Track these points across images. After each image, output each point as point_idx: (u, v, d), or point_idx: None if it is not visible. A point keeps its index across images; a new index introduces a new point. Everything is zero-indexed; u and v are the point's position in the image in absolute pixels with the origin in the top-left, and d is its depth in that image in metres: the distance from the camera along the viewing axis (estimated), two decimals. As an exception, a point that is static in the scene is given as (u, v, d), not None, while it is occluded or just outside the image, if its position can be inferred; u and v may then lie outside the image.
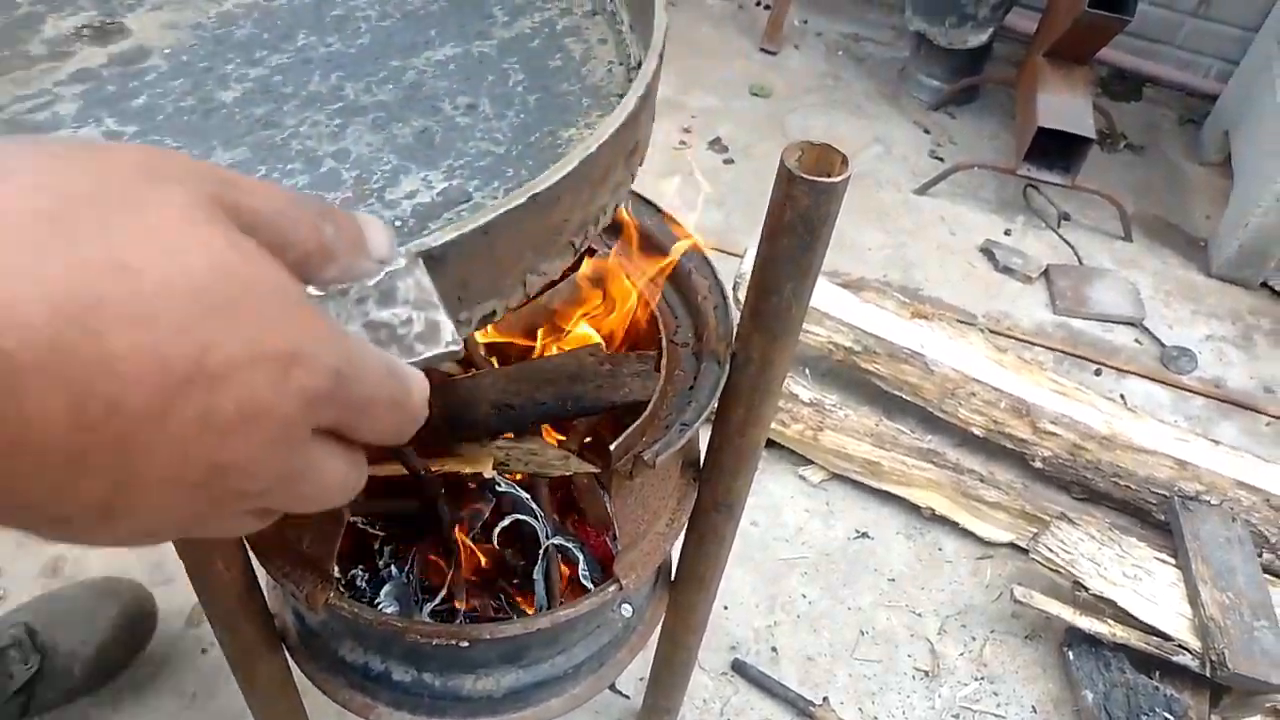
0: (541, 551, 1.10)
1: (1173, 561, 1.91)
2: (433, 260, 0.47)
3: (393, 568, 1.17)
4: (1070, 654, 1.83)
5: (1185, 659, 1.76)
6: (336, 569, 1.00)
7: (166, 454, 0.31)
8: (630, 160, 0.67)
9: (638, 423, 0.98)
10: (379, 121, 0.67)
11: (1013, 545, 2.04)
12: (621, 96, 0.67)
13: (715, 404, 0.99)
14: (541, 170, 0.58)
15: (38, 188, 0.29)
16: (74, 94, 0.65)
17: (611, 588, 1.03)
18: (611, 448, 0.96)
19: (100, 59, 0.68)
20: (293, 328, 0.33)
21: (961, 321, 2.39)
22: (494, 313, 0.58)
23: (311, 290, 0.41)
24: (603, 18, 0.78)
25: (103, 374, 0.29)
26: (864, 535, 2.05)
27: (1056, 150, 2.79)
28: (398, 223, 0.60)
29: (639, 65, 0.71)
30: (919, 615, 1.93)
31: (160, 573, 1.79)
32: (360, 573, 1.17)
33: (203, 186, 0.33)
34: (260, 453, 0.33)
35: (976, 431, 2.16)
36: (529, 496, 1.13)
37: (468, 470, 1.09)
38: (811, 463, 2.13)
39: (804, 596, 1.92)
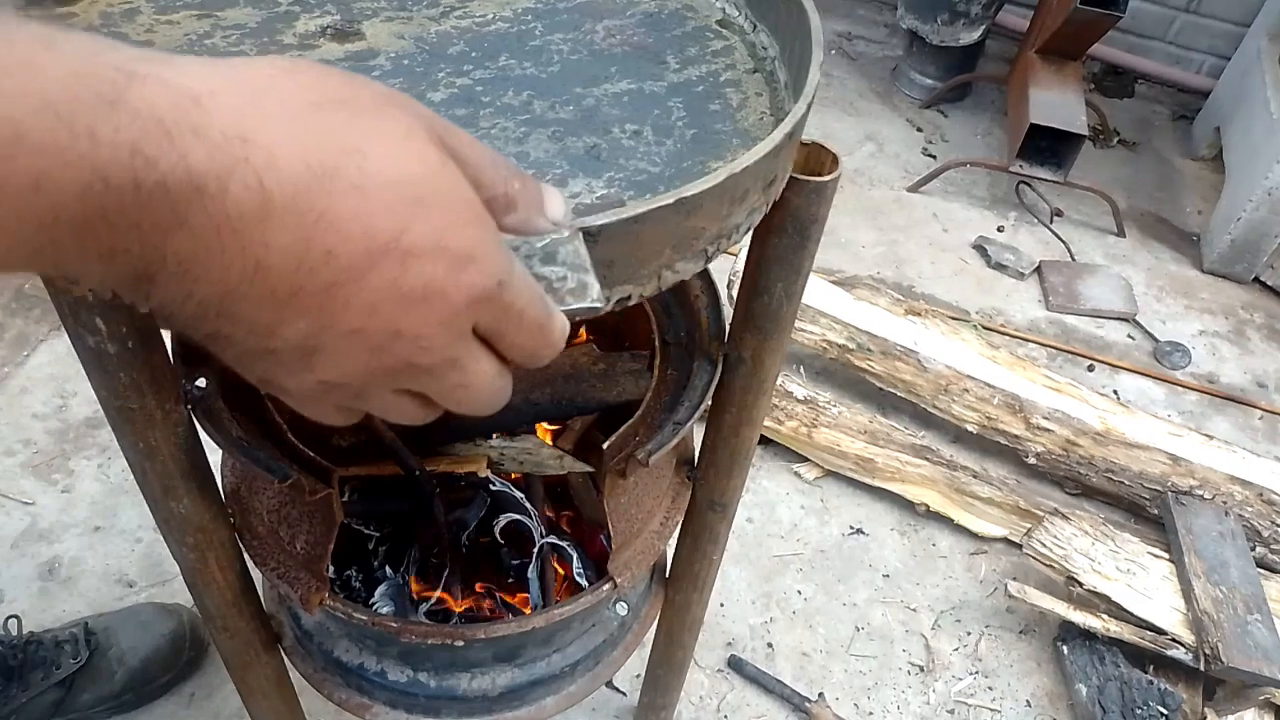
0: (536, 551, 1.10)
1: (1166, 556, 1.92)
2: (589, 237, 0.55)
3: (387, 568, 1.17)
4: (1064, 648, 1.84)
5: (1179, 653, 1.77)
6: (331, 570, 1.00)
7: (359, 308, 0.38)
8: (768, 190, 0.74)
9: (631, 421, 0.99)
10: (557, 134, 0.77)
11: (1006, 541, 2.05)
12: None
13: (708, 402, 0.99)
14: None
15: (312, 85, 0.39)
16: None
17: (606, 587, 1.03)
18: (605, 447, 0.96)
19: (338, 54, 0.80)
20: (472, 235, 0.41)
21: (954, 318, 2.39)
22: (629, 297, 0.66)
23: None
24: (762, 75, 0.87)
25: (327, 227, 0.37)
26: (859, 532, 2.05)
27: (1049, 147, 2.80)
28: None
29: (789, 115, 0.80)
30: (914, 611, 1.93)
31: (158, 574, 1.79)
32: (355, 573, 1.18)
33: (429, 122, 0.42)
34: (430, 330, 0.41)
35: (970, 428, 2.17)
36: (523, 496, 1.13)
37: (462, 470, 1.09)
38: (806, 460, 2.14)
39: (799, 593, 1.93)
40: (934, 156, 3.17)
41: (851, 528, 2.06)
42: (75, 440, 2.00)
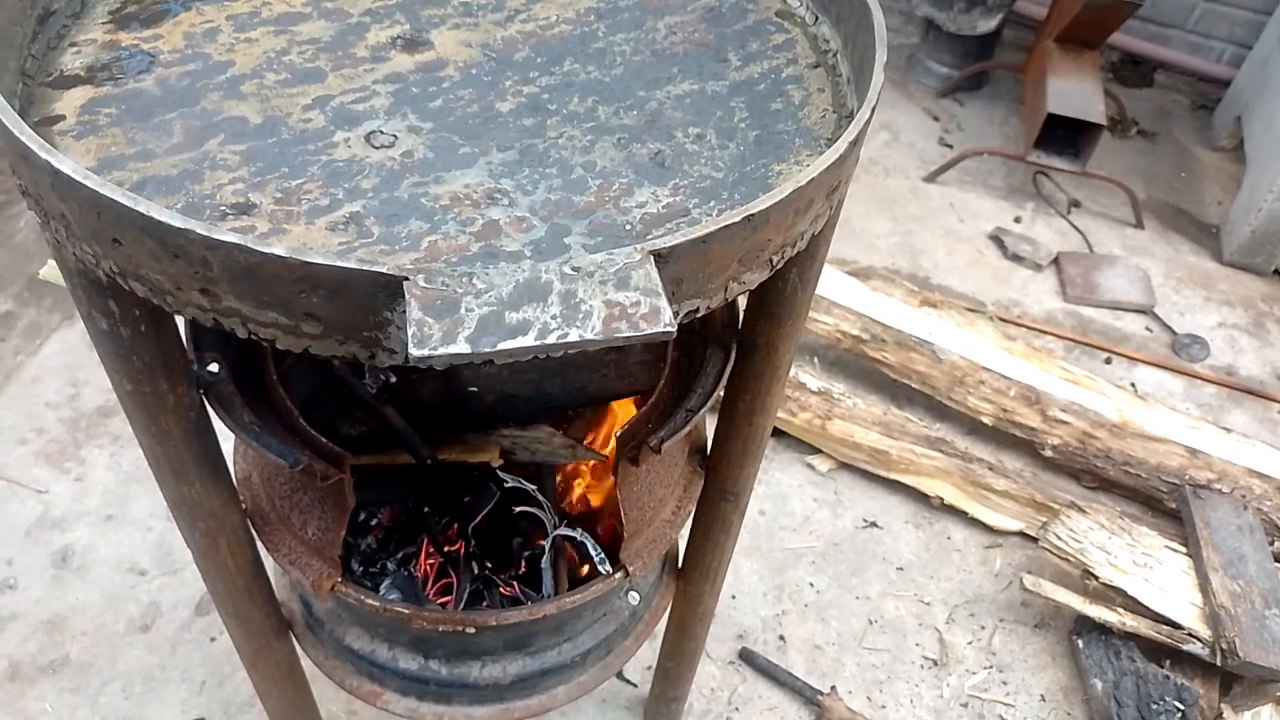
0: (549, 542, 1.09)
1: (1183, 550, 1.90)
2: (660, 259, 0.57)
3: (398, 556, 1.17)
4: (1080, 642, 1.82)
5: (1195, 647, 1.75)
6: (341, 554, 0.99)
7: None
8: (831, 196, 0.74)
9: (644, 409, 0.98)
10: (622, 141, 0.78)
11: (1022, 534, 2.03)
12: (830, 140, 0.80)
13: (721, 390, 0.98)
14: (752, 197, 0.72)
15: None
16: (387, 91, 0.79)
17: (618, 575, 1.03)
18: (618, 434, 0.95)
19: (409, 65, 0.82)
20: None
21: (970, 310, 2.37)
22: (698, 310, 0.67)
23: (567, 270, 0.54)
24: (824, 70, 0.88)
25: None
26: (872, 524, 2.04)
27: (1066, 136, 2.76)
28: (627, 226, 0.70)
29: (851, 114, 0.82)
30: (927, 604, 1.92)
31: (169, 562, 1.79)
32: (365, 561, 1.17)
33: None
34: None
35: (985, 420, 2.15)
36: (535, 487, 1.12)
37: (474, 459, 1.08)
38: (819, 452, 2.12)
39: (812, 586, 1.92)
40: (950, 146, 3.15)
41: (865, 520, 2.05)
42: (87, 429, 2.00)
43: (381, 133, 0.75)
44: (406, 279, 0.54)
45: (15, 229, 2.42)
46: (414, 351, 0.50)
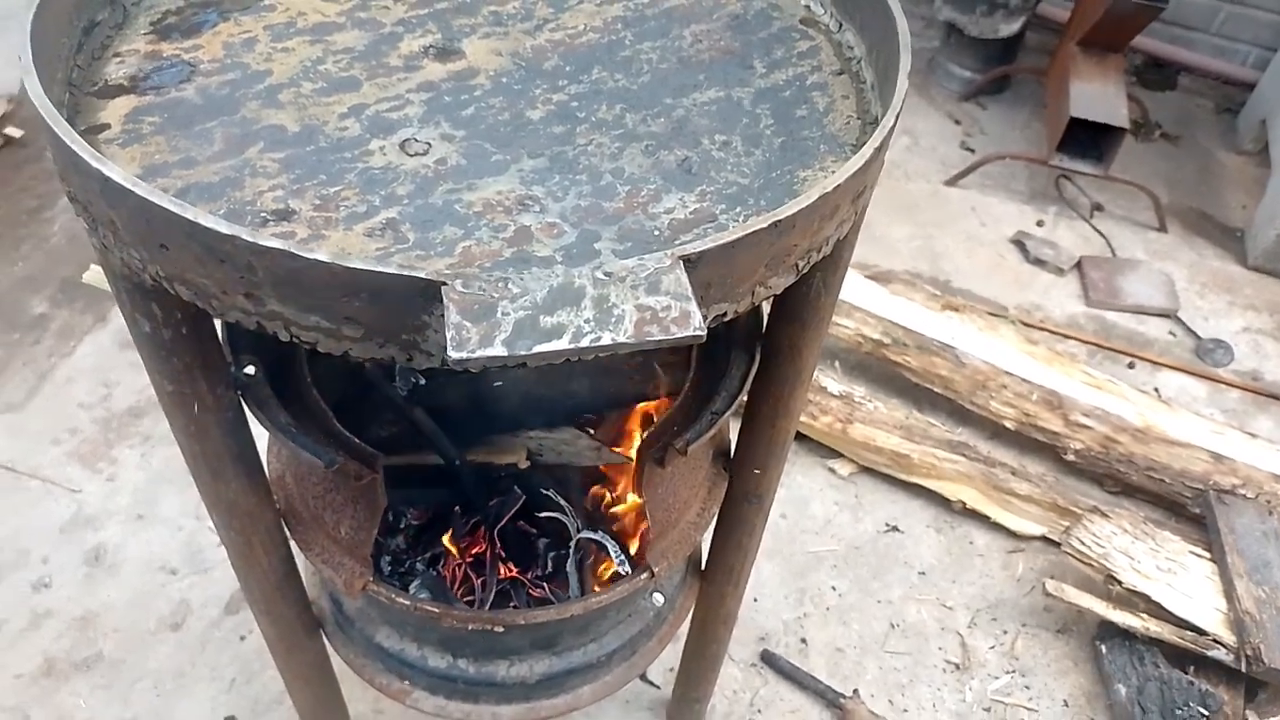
0: (573, 544, 1.11)
1: (1207, 555, 1.89)
2: (689, 264, 0.58)
3: (427, 556, 1.19)
4: (1103, 648, 1.82)
5: (1220, 654, 1.75)
6: (371, 554, 1.01)
7: None
8: (856, 201, 0.76)
9: (669, 412, 0.99)
10: (650, 148, 0.80)
11: (1044, 539, 2.02)
12: (855, 146, 0.81)
13: (745, 394, 0.99)
14: (778, 202, 0.73)
15: None
16: (420, 100, 0.81)
17: (643, 575, 1.04)
18: (644, 437, 0.96)
19: (441, 74, 0.83)
20: None
21: (992, 314, 2.37)
22: (725, 314, 0.68)
23: (600, 275, 0.56)
24: (848, 77, 0.89)
25: None
26: (894, 528, 2.04)
27: (1089, 140, 2.75)
28: (655, 232, 0.71)
29: (875, 120, 0.83)
30: (949, 608, 1.92)
31: (199, 561, 1.82)
32: (395, 561, 1.19)
33: None
34: None
35: (1008, 424, 2.14)
36: (558, 491, 1.14)
37: (501, 460, 1.10)
38: (840, 455, 2.13)
39: (833, 589, 1.92)
40: (972, 150, 3.14)
41: (886, 524, 2.05)
42: (119, 429, 2.03)
43: (416, 140, 0.77)
44: (445, 284, 0.55)
45: (49, 232, 2.46)
46: (452, 354, 0.52)
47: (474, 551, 1.17)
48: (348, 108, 0.79)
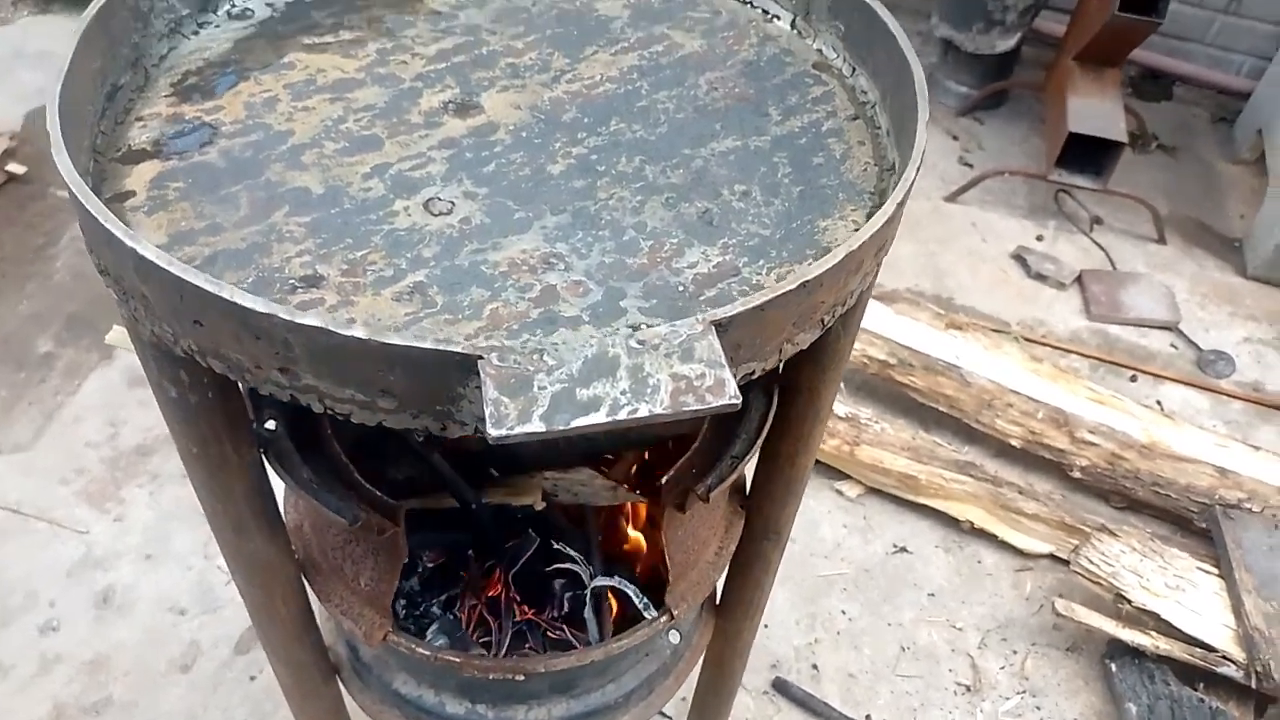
0: (589, 591, 1.11)
1: (1215, 571, 1.90)
2: (720, 328, 0.59)
3: (442, 599, 1.19)
4: (1113, 666, 1.82)
5: (1230, 670, 1.75)
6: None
7: None
8: (879, 254, 0.76)
9: (687, 455, 0.99)
10: (670, 201, 0.80)
11: (1052, 557, 2.03)
12: (873, 193, 0.82)
13: (764, 436, 1.00)
14: (800, 254, 0.76)
15: None
16: (442, 158, 0.81)
17: (663, 619, 1.04)
18: (663, 481, 0.97)
19: (461, 130, 0.84)
20: None
21: (996, 330, 2.38)
22: (753, 372, 0.68)
23: (633, 343, 0.56)
24: (863, 122, 0.90)
25: None
26: (902, 550, 2.04)
27: (1088, 154, 2.77)
28: (680, 288, 0.72)
29: (893, 167, 0.84)
30: (959, 630, 1.92)
31: (209, 601, 1.82)
32: (410, 603, 1.19)
33: None
34: None
35: (1014, 442, 2.15)
36: (571, 540, 1.14)
37: (517, 501, 1.10)
38: (848, 477, 2.13)
39: (844, 613, 1.92)
40: (971, 165, 3.16)
41: (895, 545, 2.05)
42: (126, 468, 2.03)
43: (439, 199, 0.77)
44: (481, 357, 0.56)
45: (54, 269, 2.46)
46: (492, 432, 0.52)
47: (490, 594, 1.17)
48: (371, 167, 0.80)
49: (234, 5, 0.95)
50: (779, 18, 1.02)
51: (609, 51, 0.96)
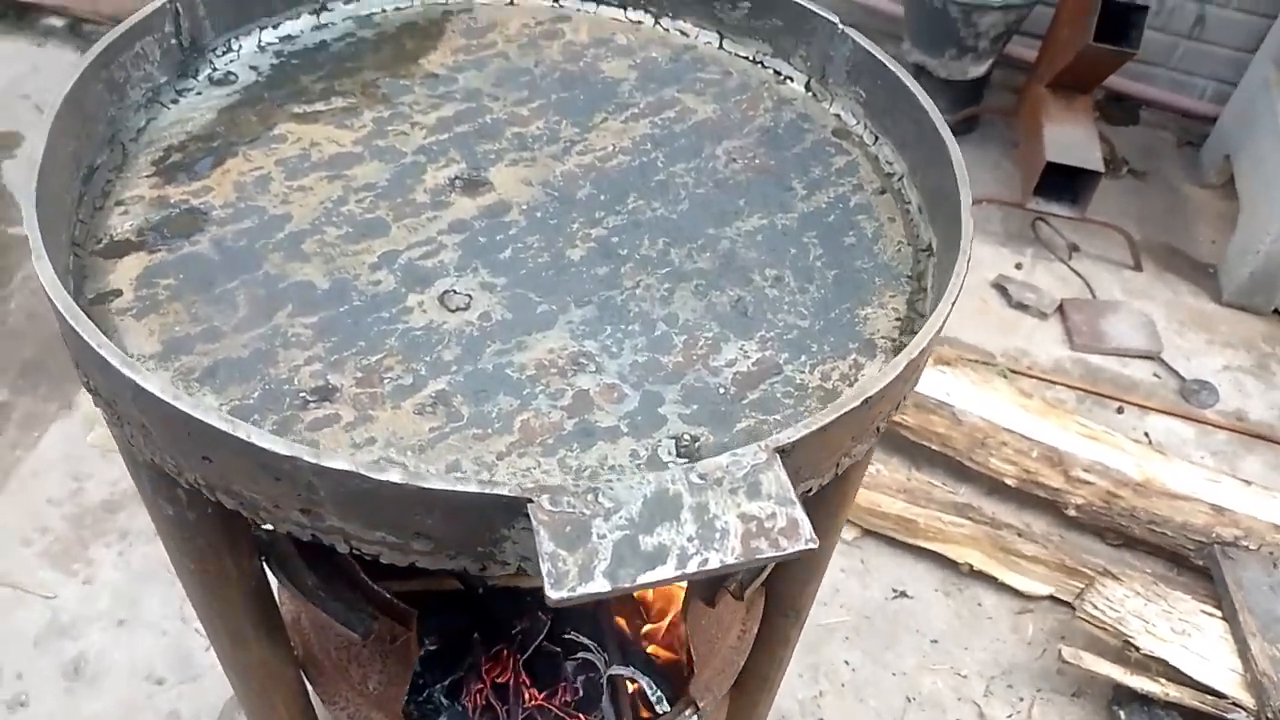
0: (604, 681, 1.05)
1: (1219, 614, 1.88)
2: (784, 454, 0.53)
3: (446, 684, 1.12)
4: (1121, 713, 1.79)
5: (1240, 717, 1.73)
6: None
7: None
8: (925, 356, 0.72)
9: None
10: (700, 289, 0.75)
11: (1053, 598, 2.00)
12: (911, 277, 0.79)
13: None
14: (842, 347, 0.72)
15: None
16: (454, 243, 0.76)
17: (687, 711, 0.99)
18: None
19: (472, 210, 0.79)
20: None
21: (981, 363, 2.36)
22: (811, 489, 0.64)
23: (694, 479, 0.51)
24: (890, 196, 0.86)
25: None
26: (902, 594, 2.00)
27: (1063, 182, 2.77)
28: (721, 390, 0.68)
29: (928, 247, 0.80)
30: (964, 677, 1.89)
31: (188, 668, 1.72)
32: (413, 689, 1.12)
33: None
34: None
35: (1009, 481, 2.12)
36: (590, 612, 1.08)
37: (526, 584, 1.04)
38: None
39: (847, 663, 1.88)
40: (946, 194, 3.15)
41: (894, 590, 2.01)
42: (93, 526, 1.93)
43: (455, 293, 0.72)
44: (531, 500, 0.50)
45: (6, 311, 2.35)
46: (552, 595, 0.47)
47: (499, 679, 1.11)
48: (378, 256, 0.74)
49: (215, 69, 0.89)
50: (791, 79, 0.98)
51: (619, 119, 0.91)
